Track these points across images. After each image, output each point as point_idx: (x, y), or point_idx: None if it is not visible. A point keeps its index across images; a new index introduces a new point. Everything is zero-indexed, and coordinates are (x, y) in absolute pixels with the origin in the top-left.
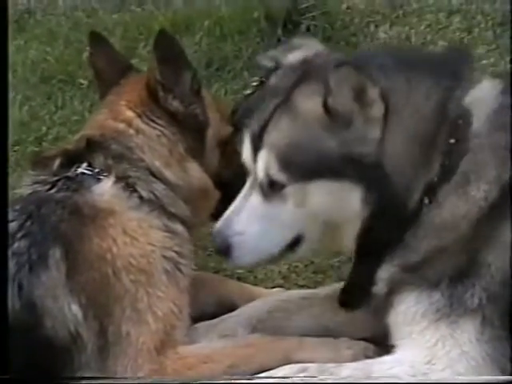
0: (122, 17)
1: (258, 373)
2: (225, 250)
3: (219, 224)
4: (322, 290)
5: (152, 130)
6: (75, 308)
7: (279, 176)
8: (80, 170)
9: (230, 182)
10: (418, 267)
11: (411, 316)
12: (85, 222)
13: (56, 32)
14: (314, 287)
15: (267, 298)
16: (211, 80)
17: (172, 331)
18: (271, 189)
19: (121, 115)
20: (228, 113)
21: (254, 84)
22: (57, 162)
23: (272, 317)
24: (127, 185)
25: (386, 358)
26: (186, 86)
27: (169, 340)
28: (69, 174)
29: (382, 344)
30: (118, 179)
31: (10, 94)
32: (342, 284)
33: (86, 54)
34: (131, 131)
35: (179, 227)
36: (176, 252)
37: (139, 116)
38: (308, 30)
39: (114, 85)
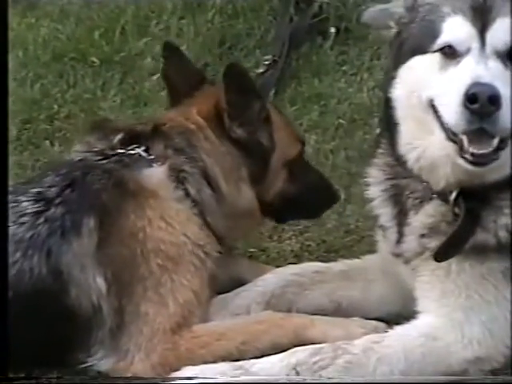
0: None
1: (270, 350)
2: (498, 100)
3: (477, 75)
4: (335, 266)
5: (220, 145)
6: (100, 281)
7: None
8: (137, 151)
9: (295, 197)
10: None
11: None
12: (126, 197)
13: (67, 10)
14: None
15: (281, 272)
16: (224, 58)
17: (190, 316)
18: (510, 56)
19: (193, 118)
20: (297, 132)
21: (267, 62)
22: (118, 137)
23: (285, 291)
24: (178, 177)
25: (400, 326)
26: (252, 115)
27: (185, 323)
28: (125, 151)
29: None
30: (171, 169)
31: (22, 72)
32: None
33: (97, 33)
34: (200, 135)
35: (209, 235)
36: (205, 252)
37: (210, 127)
38: (320, 8)
39: (187, 96)
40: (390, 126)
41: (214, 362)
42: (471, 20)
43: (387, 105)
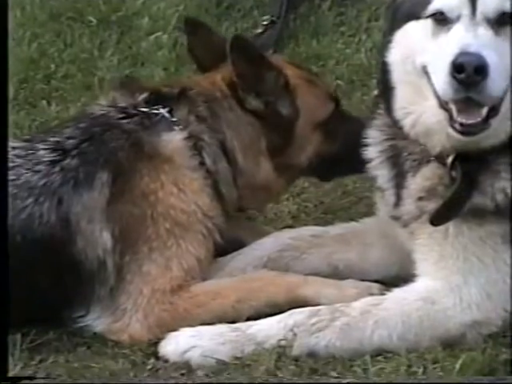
0: None
1: (264, 307)
2: (485, 70)
3: (465, 44)
4: (333, 229)
5: (242, 115)
6: (107, 235)
7: None
8: (160, 111)
9: (337, 155)
10: None
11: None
12: (142, 158)
13: None
14: None
15: (278, 236)
16: (221, 18)
17: (190, 280)
18: (500, 23)
19: (219, 85)
20: (328, 92)
21: (265, 23)
22: (143, 96)
23: (282, 255)
24: (195, 145)
25: (398, 289)
26: (267, 85)
27: (185, 285)
28: (148, 110)
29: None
30: (191, 136)
31: (19, 32)
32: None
33: None
34: (225, 104)
35: (220, 207)
36: (214, 223)
37: (234, 96)
38: None
39: (214, 68)
40: (386, 90)
41: (211, 321)
42: None
43: (383, 69)
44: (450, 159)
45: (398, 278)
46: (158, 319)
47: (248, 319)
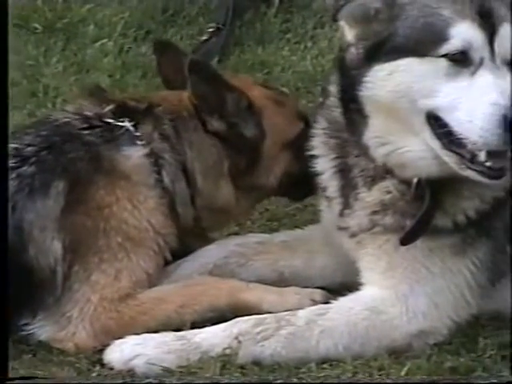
0: None
1: (208, 312)
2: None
3: (504, 93)
4: (278, 236)
5: (207, 137)
6: (57, 245)
7: None
8: (124, 124)
9: (306, 174)
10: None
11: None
12: (100, 171)
13: None
14: None
15: (223, 243)
16: (167, 25)
17: (138, 290)
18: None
19: (186, 105)
20: (297, 112)
21: (210, 30)
22: (110, 107)
23: (228, 262)
24: (155, 163)
25: (344, 298)
26: (229, 106)
27: (132, 293)
28: (112, 121)
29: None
30: (152, 154)
31: None
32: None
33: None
34: (190, 124)
35: (174, 226)
36: (166, 241)
37: (199, 118)
38: None
39: (183, 88)
40: (355, 115)
41: (156, 328)
42: (480, 27)
43: (354, 99)
44: (415, 179)
45: (342, 285)
46: (104, 327)
47: (194, 327)
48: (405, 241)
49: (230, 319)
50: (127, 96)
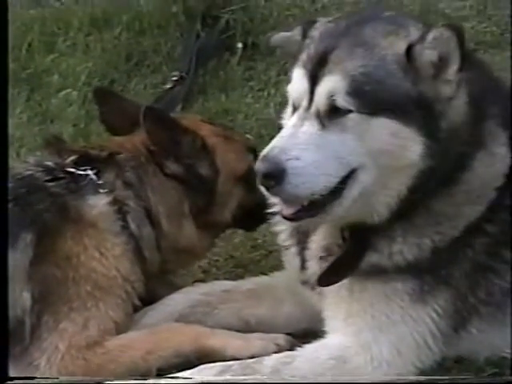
0: (40, 12)
1: (174, 358)
2: (277, 175)
3: (270, 149)
4: (244, 284)
5: (166, 180)
6: (27, 296)
7: (346, 101)
8: (88, 173)
9: (260, 203)
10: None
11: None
12: (67, 221)
13: None
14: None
15: (189, 291)
16: (131, 74)
17: (106, 338)
18: (330, 117)
19: (141, 151)
20: (245, 145)
21: (174, 78)
22: (72, 158)
23: (194, 311)
24: (120, 210)
25: (309, 345)
26: (184, 149)
27: (101, 342)
28: (75, 171)
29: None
30: (116, 201)
31: None
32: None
33: None
34: (150, 169)
35: (140, 272)
36: (134, 288)
37: (156, 162)
38: (227, 23)
39: (127, 134)
40: None
41: (123, 374)
42: (308, 73)
43: None
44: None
45: (307, 330)
46: (71, 375)
47: (160, 373)
48: (321, 281)
49: (197, 365)
50: (87, 145)
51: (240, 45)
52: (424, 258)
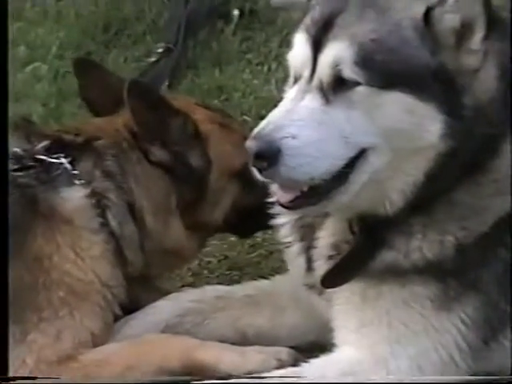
0: None
1: (159, 373)
2: (271, 156)
3: (263, 125)
4: (240, 289)
5: (152, 169)
6: None
7: (354, 72)
8: (61, 161)
9: (256, 207)
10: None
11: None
12: (37, 218)
13: None
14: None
15: (176, 298)
16: (109, 46)
17: (81, 352)
18: (335, 90)
19: (124, 134)
20: (244, 137)
21: (159, 50)
22: (43, 143)
23: (182, 321)
24: (99, 205)
25: (316, 360)
26: (173, 133)
27: (74, 356)
28: (47, 159)
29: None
30: (93, 194)
31: None
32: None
33: None
34: (133, 157)
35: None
36: (114, 295)
37: (140, 148)
38: None
39: (111, 114)
40: None
41: None
42: (311, 39)
43: None
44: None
45: (313, 343)
46: None
47: None
48: (325, 281)
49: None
50: (60, 128)
51: (236, 12)
52: (447, 257)
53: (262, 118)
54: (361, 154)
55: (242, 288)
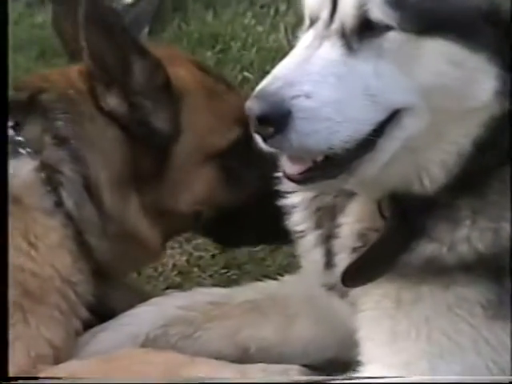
0: None
1: None
2: (278, 119)
3: (269, 81)
4: (240, 293)
5: (108, 127)
6: None
7: (384, 13)
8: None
9: (239, 209)
10: None
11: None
12: None
13: None
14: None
15: (160, 304)
16: None
17: (39, 369)
18: (361, 36)
19: (75, 83)
20: (236, 113)
21: None
22: None
23: (167, 333)
24: (49, 179)
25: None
26: (136, 78)
27: (30, 373)
28: None
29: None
30: (44, 167)
31: None
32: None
33: None
34: (86, 111)
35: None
36: (77, 293)
37: (91, 92)
38: None
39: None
40: None
41: None
42: None
43: None
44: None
45: (333, 360)
46: None
47: None
48: (346, 278)
49: None
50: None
51: None
52: (503, 250)
53: (267, 73)
54: (392, 116)
55: (242, 291)
